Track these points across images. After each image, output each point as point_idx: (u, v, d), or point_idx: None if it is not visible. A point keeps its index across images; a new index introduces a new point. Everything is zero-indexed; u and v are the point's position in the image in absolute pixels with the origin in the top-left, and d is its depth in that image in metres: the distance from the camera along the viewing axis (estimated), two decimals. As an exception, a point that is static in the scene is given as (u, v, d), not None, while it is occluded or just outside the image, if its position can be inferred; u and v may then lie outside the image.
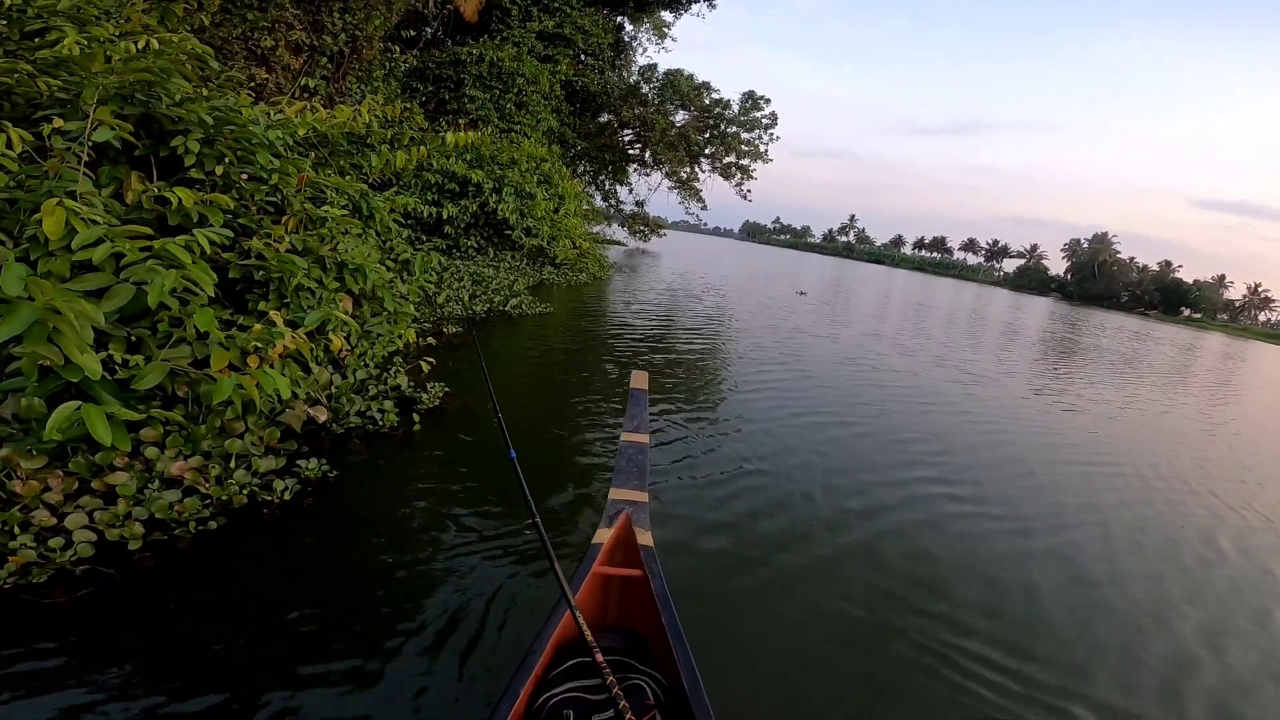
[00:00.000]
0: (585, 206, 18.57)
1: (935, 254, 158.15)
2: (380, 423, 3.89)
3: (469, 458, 3.84)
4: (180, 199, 3.24)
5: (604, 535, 2.22)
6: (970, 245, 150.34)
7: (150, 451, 2.59)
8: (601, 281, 15.01)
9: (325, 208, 4.51)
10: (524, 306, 8.99)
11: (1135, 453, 6.77)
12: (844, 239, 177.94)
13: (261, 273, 3.53)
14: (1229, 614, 3.50)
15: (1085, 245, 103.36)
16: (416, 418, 4.07)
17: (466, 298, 8.19)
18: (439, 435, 4.06)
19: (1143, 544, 4.28)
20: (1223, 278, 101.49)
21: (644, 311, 11.78)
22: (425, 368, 4.86)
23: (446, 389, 4.72)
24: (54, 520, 2.23)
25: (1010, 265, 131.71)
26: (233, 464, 2.82)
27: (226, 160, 3.76)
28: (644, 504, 2.38)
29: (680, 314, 12.14)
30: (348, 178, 5.49)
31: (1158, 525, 4.70)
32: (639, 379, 3.28)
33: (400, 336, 5.14)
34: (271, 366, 3.29)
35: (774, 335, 10.70)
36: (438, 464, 3.68)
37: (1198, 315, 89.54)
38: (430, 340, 5.87)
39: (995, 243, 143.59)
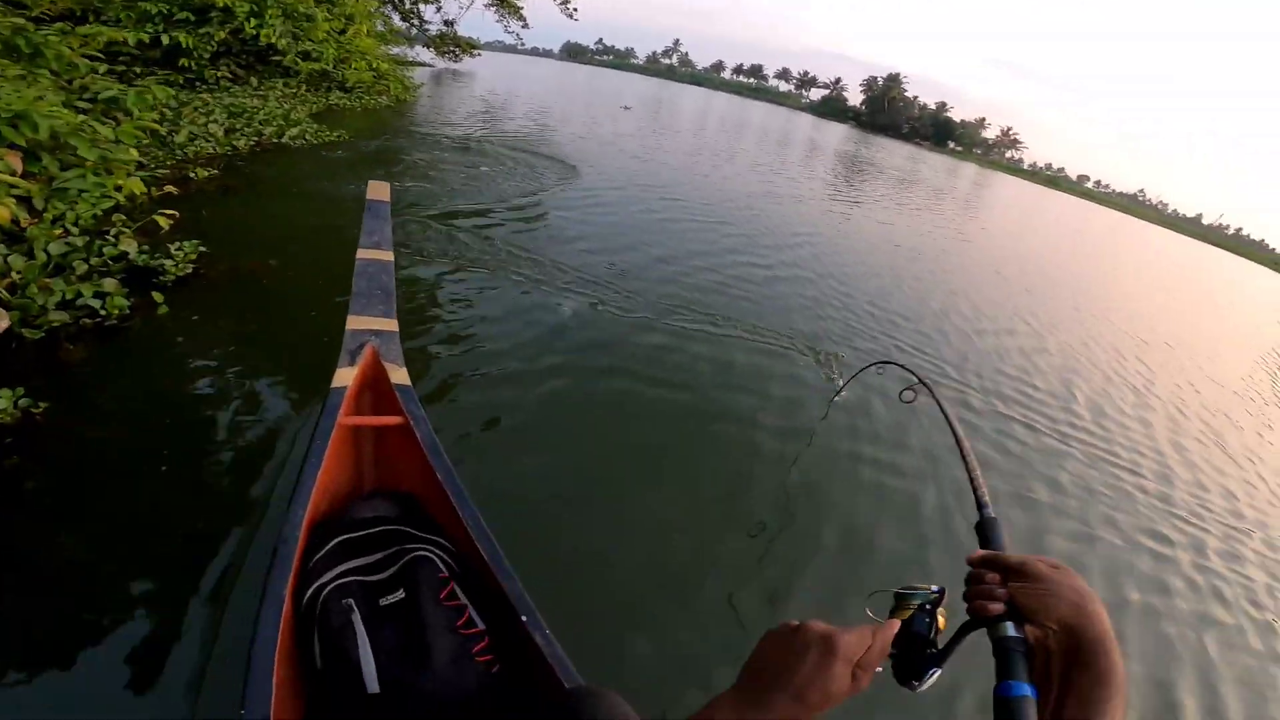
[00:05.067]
0: (381, 27, 15.42)
1: (752, 80, 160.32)
2: (105, 311, 2.82)
3: (244, 334, 2.99)
4: None
5: (346, 376, 1.75)
6: (784, 74, 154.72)
7: None
8: (406, 104, 12.82)
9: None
10: (306, 136, 7.40)
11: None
12: (667, 62, 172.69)
13: None
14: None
15: (880, 83, 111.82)
16: (160, 297, 3.01)
17: (221, 134, 6.35)
18: (201, 313, 3.05)
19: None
20: (983, 120, 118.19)
21: (458, 127, 10.69)
22: (164, 224, 3.64)
23: (203, 248, 3.60)
24: None
25: (817, 95, 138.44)
26: None
27: None
28: (393, 333, 1.94)
29: (499, 130, 11.19)
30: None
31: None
32: (377, 189, 2.78)
33: (119, 188, 3.82)
34: None
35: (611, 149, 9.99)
36: (200, 352, 2.76)
37: (959, 148, 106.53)
38: (171, 189, 4.41)
39: (805, 74, 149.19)
